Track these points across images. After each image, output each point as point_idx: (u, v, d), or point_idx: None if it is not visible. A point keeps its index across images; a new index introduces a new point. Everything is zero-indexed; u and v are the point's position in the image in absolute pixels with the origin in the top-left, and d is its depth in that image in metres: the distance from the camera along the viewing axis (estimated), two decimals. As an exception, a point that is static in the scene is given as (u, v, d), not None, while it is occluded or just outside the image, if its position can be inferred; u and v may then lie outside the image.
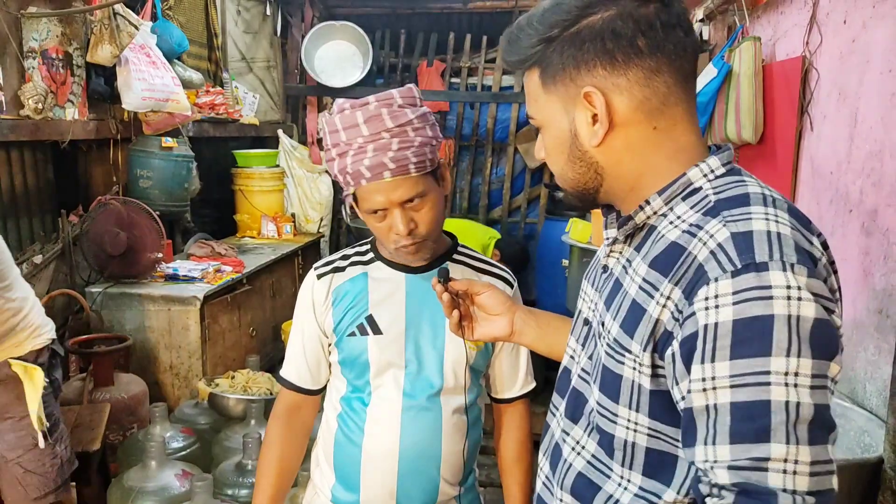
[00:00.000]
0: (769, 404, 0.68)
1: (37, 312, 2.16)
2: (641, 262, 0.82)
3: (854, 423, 1.80)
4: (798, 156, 2.38)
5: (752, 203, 0.76)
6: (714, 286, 0.71)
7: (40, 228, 3.29)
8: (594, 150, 0.84)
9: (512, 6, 5.41)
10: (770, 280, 0.69)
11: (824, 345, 0.69)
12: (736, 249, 0.71)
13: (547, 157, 0.91)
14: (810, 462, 0.67)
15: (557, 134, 0.87)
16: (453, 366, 1.34)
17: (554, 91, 0.85)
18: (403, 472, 1.33)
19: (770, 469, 0.67)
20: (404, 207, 1.23)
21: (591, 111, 0.82)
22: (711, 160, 0.83)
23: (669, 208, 0.83)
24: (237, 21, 5.01)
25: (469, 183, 6.08)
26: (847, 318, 2.01)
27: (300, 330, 1.41)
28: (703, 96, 2.73)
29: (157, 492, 2.31)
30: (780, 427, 0.67)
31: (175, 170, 3.62)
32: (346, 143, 1.22)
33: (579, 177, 0.87)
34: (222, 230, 4.72)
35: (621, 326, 0.82)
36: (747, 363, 0.69)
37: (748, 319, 0.69)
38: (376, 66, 5.76)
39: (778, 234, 0.72)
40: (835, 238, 2.09)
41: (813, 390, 0.68)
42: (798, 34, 2.38)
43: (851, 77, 2.05)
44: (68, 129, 3.07)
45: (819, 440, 0.68)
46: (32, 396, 2.04)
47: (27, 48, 2.88)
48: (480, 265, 1.41)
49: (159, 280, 3.33)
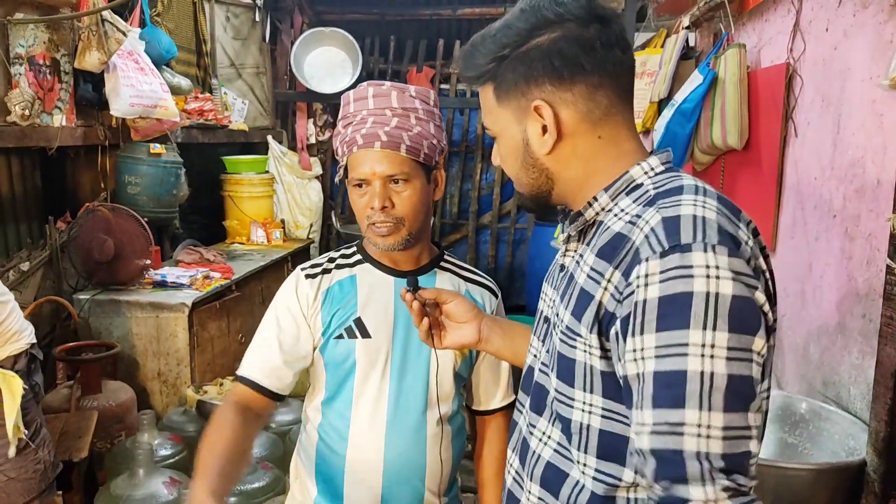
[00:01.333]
0: (685, 374, 0.73)
1: (15, 317, 2.12)
2: (590, 253, 0.88)
3: (838, 426, 1.82)
4: (783, 162, 2.40)
5: (685, 192, 0.83)
6: (645, 265, 0.77)
7: (27, 235, 3.27)
8: (545, 157, 0.92)
9: (500, 13, 5.43)
10: (692, 260, 0.75)
11: (743, 319, 0.74)
12: (665, 232, 0.78)
13: (503, 164, 0.99)
14: (722, 427, 0.72)
15: (511, 143, 0.95)
16: (440, 372, 1.32)
17: (507, 104, 0.93)
18: (388, 482, 1.30)
19: (685, 433, 0.73)
20: (386, 184, 1.25)
21: (541, 122, 0.90)
22: (651, 159, 0.91)
23: (615, 203, 0.90)
24: (226, 27, 5.00)
25: (459, 189, 6.09)
26: (831, 323, 2.03)
27: (276, 327, 1.33)
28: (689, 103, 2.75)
29: (145, 500, 2.30)
30: (694, 395, 0.73)
31: (163, 176, 3.62)
32: (352, 114, 1.28)
33: (532, 181, 0.95)
34: (211, 236, 4.71)
35: (572, 314, 0.88)
36: (669, 335, 0.74)
37: (671, 296, 0.75)
38: (366, 73, 5.76)
39: (703, 217, 0.78)
40: (819, 243, 2.11)
41: (729, 362, 0.73)
42: (782, 41, 2.40)
43: (834, 84, 2.07)
44: (56, 135, 3.06)
45: (733, 408, 0.73)
46: (10, 405, 2.00)
47: (14, 54, 2.87)
48: (467, 274, 1.42)
49: (147, 287, 3.32)
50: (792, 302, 2.28)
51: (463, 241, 6.15)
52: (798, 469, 1.58)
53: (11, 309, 2.11)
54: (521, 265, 5.89)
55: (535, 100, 0.89)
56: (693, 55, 3.26)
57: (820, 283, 2.11)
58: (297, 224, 5.26)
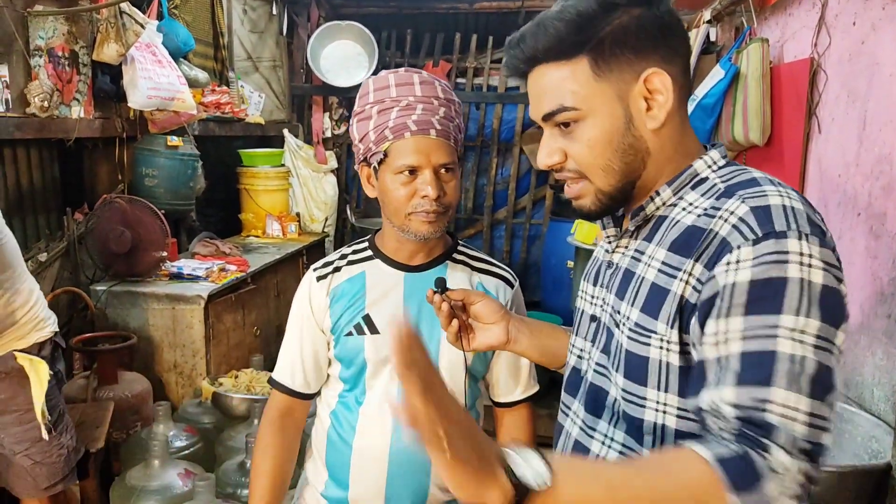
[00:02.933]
0: (775, 354, 0.72)
1: (41, 305, 2.19)
2: (659, 248, 0.85)
3: (861, 428, 1.78)
4: (806, 158, 2.37)
5: (763, 184, 0.82)
6: (736, 253, 0.76)
7: (45, 226, 3.29)
8: (650, 134, 0.87)
9: (518, 6, 5.40)
10: (787, 247, 0.74)
11: (831, 310, 0.73)
12: (757, 221, 0.76)
13: (584, 154, 0.88)
14: (808, 412, 0.71)
15: (610, 121, 0.86)
16: (449, 367, 1.32)
17: (608, 77, 0.85)
18: (393, 473, 1.31)
19: (770, 410, 0.71)
20: (438, 172, 1.24)
21: (646, 96, 0.85)
22: (713, 153, 0.89)
23: (679, 197, 0.87)
24: (243, 20, 5.01)
25: (474, 184, 6.07)
26: (855, 322, 1.99)
27: (298, 332, 1.39)
28: (711, 98, 2.71)
29: (160, 491, 2.31)
30: (784, 375, 0.71)
31: (180, 168, 3.62)
32: (393, 100, 1.23)
33: (626, 166, 0.88)
34: (227, 229, 4.72)
35: (642, 310, 0.85)
36: (760, 319, 0.73)
37: (764, 280, 0.73)
38: (382, 66, 5.75)
39: (792, 207, 0.77)
40: (843, 241, 2.08)
41: (817, 349, 0.72)
42: (806, 36, 2.36)
43: (860, 79, 2.03)
44: (74, 127, 3.07)
45: (818, 395, 0.72)
46: (38, 391, 2.07)
47: (33, 46, 2.88)
48: (480, 265, 1.40)
49: (164, 279, 3.33)
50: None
51: (478, 237, 6.12)
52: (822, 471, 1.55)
53: (38, 297, 2.17)
54: (537, 261, 5.86)
55: (649, 69, 0.84)
56: (714, 50, 3.22)
57: (843, 283, 2.08)
58: (313, 218, 5.26)
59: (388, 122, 1.23)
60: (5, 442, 2.10)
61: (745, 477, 0.69)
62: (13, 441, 2.10)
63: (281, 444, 1.40)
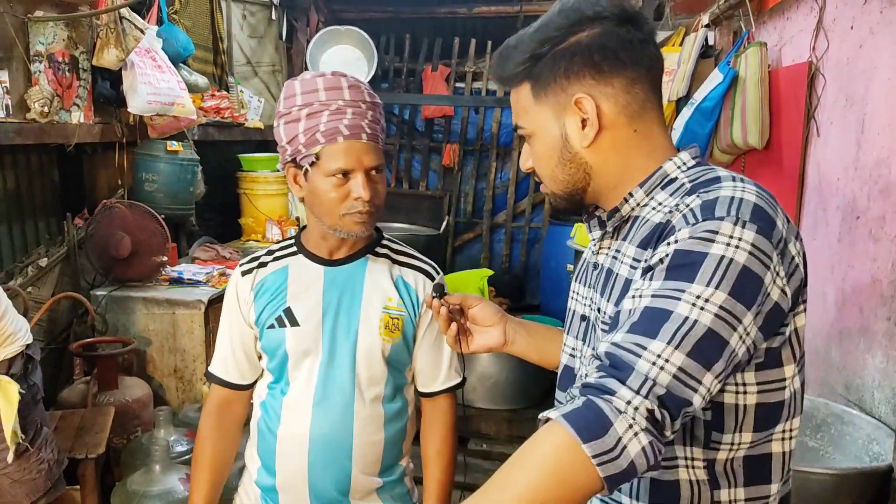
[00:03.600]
0: (671, 314, 0.78)
1: (8, 320, 2.04)
2: (630, 246, 0.92)
3: (862, 431, 1.79)
4: (804, 161, 2.37)
5: (723, 181, 0.88)
6: (675, 234, 0.83)
7: (45, 231, 3.29)
8: (584, 150, 0.94)
9: (517, 11, 5.42)
10: (719, 228, 0.80)
11: (745, 289, 0.78)
12: (701, 210, 0.83)
13: (536, 163, 0.99)
14: (678, 367, 0.76)
15: (549, 140, 0.96)
16: (367, 356, 1.37)
17: (545, 101, 0.94)
18: (313, 459, 1.36)
19: (643, 357, 0.77)
20: (368, 175, 1.29)
21: (581, 116, 0.92)
22: (682, 154, 0.95)
23: (651, 198, 0.93)
24: (243, 25, 5.02)
25: (473, 187, 6.08)
26: (853, 326, 2.00)
27: (227, 326, 1.45)
28: (709, 101, 2.72)
29: (161, 496, 2.31)
30: (669, 330, 0.77)
31: (180, 173, 3.63)
32: (322, 103, 1.26)
33: (569, 178, 0.96)
34: (227, 234, 4.72)
35: (615, 304, 0.91)
36: (672, 283, 0.80)
37: (687, 251, 0.80)
38: (381, 71, 5.76)
39: (741, 199, 0.83)
40: (842, 244, 2.08)
41: (715, 318, 0.77)
42: (805, 39, 2.37)
43: (858, 83, 2.04)
44: (74, 132, 3.07)
45: (696, 358, 0.77)
46: (7, 412, 1.95)
47: (34, 52, 2.89)
48: (402, 258, 1.45)
49: (164, 283, 3.33)
50: (813, 304, 2.25)
51: (477, 240, 6.13)
52: (821, 473, 1.55)
53: (4, 311, 2.02)
54: (536, 264, 5.87)
55: (577, 93, 0.91)
56: (712, 53, 3.22)
57: (842, 286, 2.08)
58: (312, 222, 5.26)
59: (320, 126, 1.26)
60: None
61: (592, 425, 0.74)
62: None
63: (218, 435, 1.46)
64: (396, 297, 1.39)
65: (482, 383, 3.82)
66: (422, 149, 6.16)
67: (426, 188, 6.15)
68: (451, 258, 6.14)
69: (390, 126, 6.22)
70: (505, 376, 3.73)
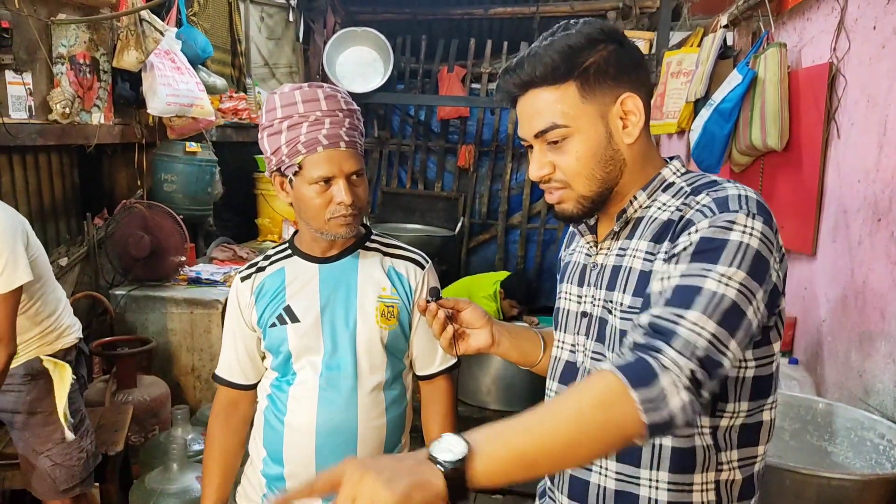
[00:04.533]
0: (702, 289, 0.88)
1: (67, 313, 2.26)
2: (641, 241, 1.02)
3: (884, 436, 1.76)
4: (824, 164, 2.35)
5: (722, 182, 0.99)
6: (697, 225, 0.93)
7: (66, 231, 3.34)
8: (626, 147, 1.03)
9: (533, 12, 5.41)
10: (736, 219, 0.92)
11: (758, 270, 0.90)
12: (716, 205, 0.94)
13: (571, 165, 1.03)
14: (712, 334, 0.86)
15: (594, 137, 1.02)
16: (366, 344, 1.43)
17: (592, 100, 1.01)
18: (321, 446, 1.41)
19: (681, 324, 0.86)
20: (349, 180, 1.35)
21: (622, 116, 1.01)
22: (675, 163, 1.07)
23: (653, 200, 1.04)
24: (260, 27, 5.05)
25: (489, 188, 6.08)
26: (874, 329, 1.98)
27: (231, 330, 1.52)
28: (728, 103, 2.70)
29: (179, 494, 2.33)
30: (703, 303, 0.87)
31: (199, 174, 3.66)
32: (301, 115, 1.33)
33: (606, 175, 1.03)
34: (244, 234, 4.76)
35: (633, 294, 1.00)
36: (699, 265, 0.90)
37: (710, 238, 0.91)
38: (397, 72, 5.78)
39: (746, 196, 0.95)
40: (862, 247, 2.06)
41: (738, 293, 0.88)
42: (825, 40, 2.35)
43: (881, 84, 2.02)
44: (94, 133, 3.11)
45: (725, 325, 0.87)
46: (60, 393, 2.14)
47: (56, 54, 2.93)
48: (392, 250, 1.52)
49: (182, 283, 3.36)
50: (832, 307, 2.23)
51: (492, 241, 6.13)
52: (842, 479, 1.54)
53: (64, 306, 2.26)
54: (552, 266, 5.85)
55: (624, 93, 1.01)
56: (731, 54, 3.20)
57: (862, 289, 2.06)
58: (328, 223, 5.28)
59: (300, 137, 1.33)
60: (30, 442, 2.15)
61: (641, 375, 0.83)
62: (38, 441, 2.15)
63: (225, 433, 1.54)
64: (389, 287, 1.47)
65: (497, 385, 3.82)
66: (437, 150, 6.17)
67: (441, 189, 6.16)
68: (466, 259, 6.14)
69: (406, 127, 6.23)
70: (519, 378, 3.72)
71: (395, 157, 6.23)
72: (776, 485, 1.54)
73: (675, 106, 3.62)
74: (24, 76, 2.75)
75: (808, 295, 2.40)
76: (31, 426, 2.15)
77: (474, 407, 3.87)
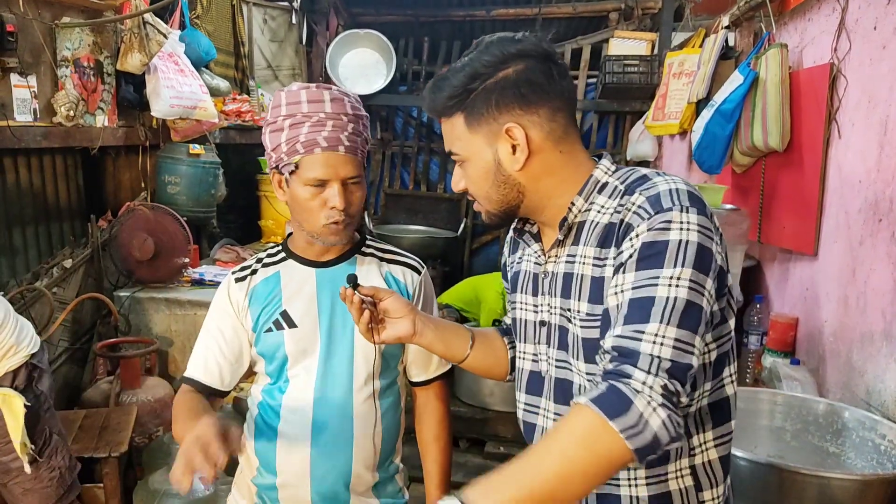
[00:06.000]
0: (654, 299, 0.92)
1: (10, 330, 1.99)
2: (587, 247, 1.04)
3: (885, 437, 1.77)
4: (826, 163, 2.35)
5: (652, 177, 1.02)
6: (636, 230, 0.96)
7: (70, 233, 3.35)
8: (517, 173, 1.06)
9: (534, 14, 5.41)
10: (670, 217, 0.94)
11: (703, 261, 0.94)
12: (650, 205, 0.97)
13: (470, 186, 1.11)
14: (674, 339, 0.90)
15: (482, 165, 1.07)
16: (364, 352, 1.41)
17: (478, 130, 1.06)
18: (315, 453, 1.39)
19: (643, 339, 0.90)
20: (345, 185, 1.34)
21: (512, 143, 1.04)
22: (604, 162, 1.09)
23: (591, 203, 1.07)
24: (263, 30, 5.07)
25: (491, 190, 6.07)
26: (876, 329, 1.98)
27: (216, 331, 1.44)
28: (729, 103, 2.70)
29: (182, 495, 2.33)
30: (658, 312, 0.91)
31: (202, 176, 3.67)
32: (304, 115, 1.31)
33: (503, 197, 1.08)
34: (247, 236, 4.77)
35: (589, 301, 1.03)
36: (646, 273, 0.93)
37: (651, 242, 0.94)
38: (399, 74, 5.79)
39: (677, 189, 0.98)
40: (864, 247, 2.06)
41: (690, 290, 0.92)
42: (826, 41, 2.35)
43: (882, 84, 2.02)
44: (98, 135, 3.13)
45: (686, 326, 0.91)
46: (13, 424, 1.94)
47: (60, 57, 2.95)
48: (388, 256, 1.51)
49: (186, 285, 3.38)
50: (834, 308, 2.23)
51: (495, 243, 6.13)
52: (843, 479, 1.54)
53: (8, 320, 1.99)
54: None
55: (507, 123, 1.03)
56: (733, 55, 3.20)
57: (864, 289, 2.06)
58: (331, 224, 5.29)
59: (300, 137, 1.31)
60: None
61: (616, 404, 0.87)
62: (1, 471, 2.02)
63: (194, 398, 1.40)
64: None
65: (500, 386, 3.82)
66: (440, 151, 6.17)
67: (444, 191, 6.17)
68: (469, 260, 6.14)
69: (408, 128, 6.24)
70: (523, 379, 3.72)
71: (398, 158, 6.24)
72: (777, 485, 1.54)
73: (677, 107, 3.62)
74: (29, 79, 2.77)
75: (810, 295, 2.40)
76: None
77: (476, 408, 3.87)
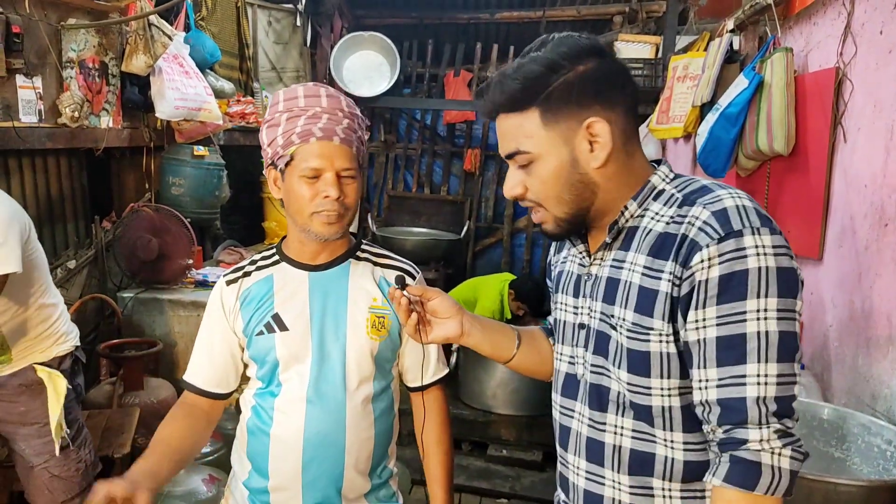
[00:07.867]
0: (745, 336, 0.90)
1: (63, 320, 2.20)
2: (638, 255, 1.00)
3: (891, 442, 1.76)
4: (831, 168, 2.34)
5: (715, 189, 0.98)
6: (706, 251, 0.92)
7: (74, 234, 3.36)
8: (594, 171, 1.02)
9: (539, 16, 5.41)
10: (744, 243, 0.90)
11: (787, 285, 0.90)
12: (718, 223, 0.92)
13: (540, 187, 1.04)
14: (777, 375, 0.90)
15: (556, 163, 1.02)
16: (356, 356, 1.40)
17: (555, 126, 1.00)
18: (307, 457, 1.38)
19: (747, 383, 0.90)
20: (339, 177, 1.33)
21: (590, 139, 1.00)
22: (663, 168, 1.06)
23: (644, 209, 1.03)
24: (268, 32, 5.08)
25: (494, 192, 6.08)
26: (881, 335, 1.97)
27: (208, 335, 1.46)
28: (734, 107, 2.69)
29: (185, 496, 2.34)
30: (754, 352, 0.90)
31: (206, 178, 3.68)
32: (301, 109, 1.32)
33: (575, 197, 1.03)
34: (251, 237, 4.77)
35: (636, 311, 0.99)
36: (729, 306, 0.91)
37: (729, 274, 0.90)
38: (403, 76, 5.79)
39: (744, 206, 0.93)
40: (869, 252, 2.05)
41: (779, 321, 0.90)
42: (832, 45, 2.34)
43: (888, 88, 2.01)
44: (103, 136, 3.13)
45: (784, 359, 0.90)
46: (54, 404, 2.06)
47: (66, 58, 2.95)
48: (383, 260, 1.49)
49: (189, 286, 3.38)
50: (839, 313, 2.22)
51: (498, 245, 6.13)
52: (848, 485, 1.53)
53: (61, 311, 2.19)
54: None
55: (589, 118, 0.99)
56: (737, 59, 3.20)
57: (870, 294, 2.05)
58: (334, 226, 5.29)
59: (296, 129, 1.32)
60: (26, 453, 2.11)
61: (748, 475, 0.89)
62: (33, 453, 2.10)
63: (183, 418, 1.42)
64: (381, 297, 1.43)
65: (502, 389, 3.82)
66: (443, 154, 6.18)
67: (447, 193, 6.17)
68: (472, 263, 6.14)
69: (412, 131, 6.25)
70: (525, 382, 3.72)
71: (402, 160, 6.25)
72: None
73: (682, 110, 3.62)
74: (35, 80, 2.78)
75: (815, 300, 2.39)
76: (27, 437, 2.10)
77: (479, 411, 3.87)
